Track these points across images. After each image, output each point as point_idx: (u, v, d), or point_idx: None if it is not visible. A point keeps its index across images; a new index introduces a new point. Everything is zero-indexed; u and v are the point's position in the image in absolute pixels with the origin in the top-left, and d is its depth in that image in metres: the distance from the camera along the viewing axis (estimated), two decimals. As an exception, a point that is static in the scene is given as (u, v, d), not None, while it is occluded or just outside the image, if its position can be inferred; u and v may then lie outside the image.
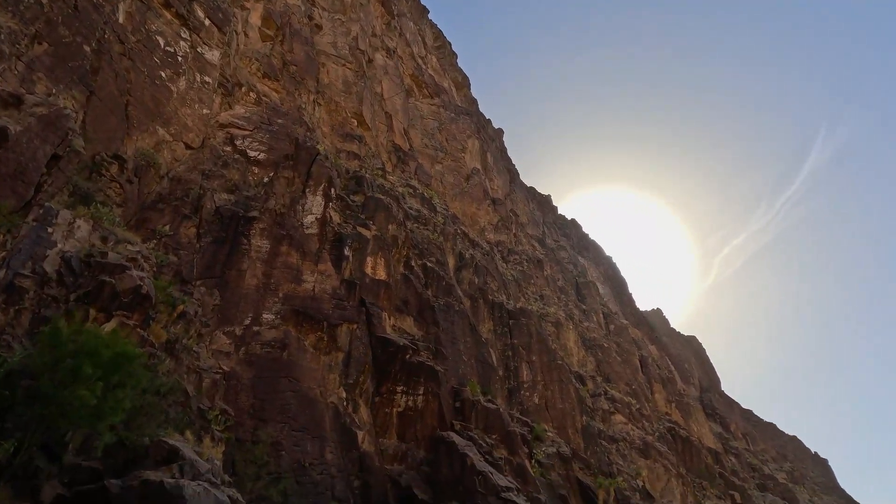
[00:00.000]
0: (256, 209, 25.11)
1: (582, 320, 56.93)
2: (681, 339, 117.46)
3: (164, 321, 18.39)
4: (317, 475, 19.90)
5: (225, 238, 23.64)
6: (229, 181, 25.81)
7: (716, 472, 55.63)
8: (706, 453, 57.15)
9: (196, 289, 21.59)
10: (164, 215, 22.58)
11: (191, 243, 22.82)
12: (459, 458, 23.79)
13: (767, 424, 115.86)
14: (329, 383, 23.27)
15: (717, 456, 62.10)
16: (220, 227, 23.88)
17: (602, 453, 37.95)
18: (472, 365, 32.70)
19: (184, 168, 24.71)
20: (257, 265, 23.72)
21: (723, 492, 53.44)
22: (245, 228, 24.22)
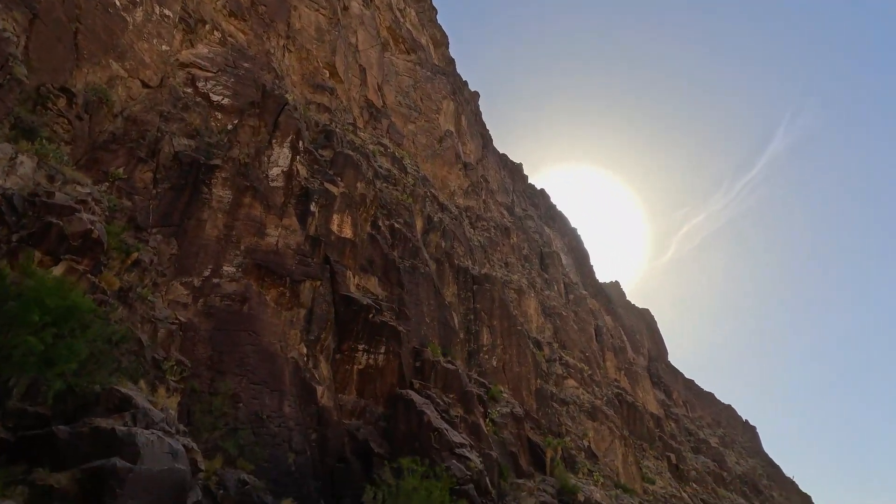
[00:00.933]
0: (219, 157, 24.04)
1: (543, 289, 58.39)
2: (635, 311, 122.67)
3: (116, 268, 17.68)
4: (274, 427, 20.08)
5: (184, 185, 22.63)
6: (190, 125, 24.49)
7: (656, 435, 59.56)
8: (649, 418, 60.95)
9: (152, 237, 20.75)
10: (118, 157, 21.33)
11: (147, 189, 21.75)
12: (417, 415, 24.46)
13: (706, 393, 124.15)
14: (290, 339, 23.19)
15: (659, 421, 66.36)
16: (179, 173, 22.80)
17: (553, 415, 39.85)
18: (434, 327, 33.21)
19: (140, 108, 23.22)
20: (218, 216, 22.92)
21: (661, 453, 57.44)
22: (206, 177, 23.22)
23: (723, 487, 70.93)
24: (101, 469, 11.12)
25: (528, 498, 26.99)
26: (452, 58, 75.78)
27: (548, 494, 28.40)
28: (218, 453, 17.52)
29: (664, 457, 57.83)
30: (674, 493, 48.97)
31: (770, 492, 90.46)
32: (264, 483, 18.31)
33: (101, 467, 11.14)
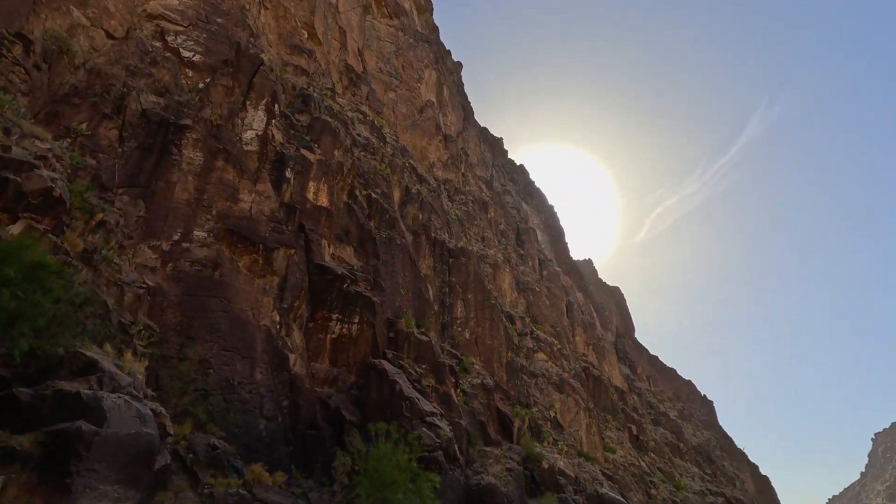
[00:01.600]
0: (189, 117, 23.09)
1: (518, 264, 59.07)
2: (606, 288, 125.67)
3: (80, 229, 17.02)
4: (245, 394, 20.07)
5: (152, 145, 21.73)
6: (158, 82, 23.36)
7: (619, 407, 62.02)
8: (613, 391, 63.32)
9: (118, 197, 19.98)
10: (80, 112, 20.26)
11: (112, 147, 20.81)
12: (389, 384, 24.78)
13: (669, 369, 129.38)
14: (263, 306, 22.96)
15: (623, 394, 69.03)
16: (147, 132, 21.85)
17: (522, 386, 40.96)
18: (408, 298, 33.35)
19: (104, 60, 21.96)
20: (189, 178, 22.18)
21: (623, 424, 59.98)
22: (176, 137, 22.33)
23: (679, 457, 74.84)
24: (66, 432, 10.96)
25: (494, 465, 27.92)
26: (436, 25, 73.85)
27: (514, 462, 29.44)
28: (187, 418, 17.45)
29: (626, 428, 60.44)
30: (633, 462, 51.44)
31: (722, 462, 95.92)
32: (235, 448, 18.40)
33: (66, 430, 10.98)
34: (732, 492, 79.48)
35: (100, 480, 11.04)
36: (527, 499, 27.92)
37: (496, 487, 25.47)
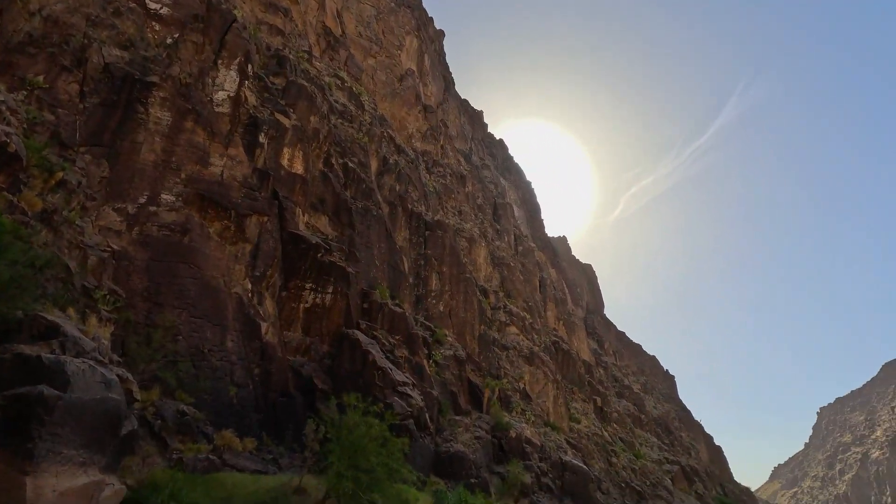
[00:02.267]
0: (157, 74, 21.97)
1: (494, 239, 59.43)
2: (578, 265, 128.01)
3: (38, 188, 16.23)
4: (216, 361, 19.89)
5: (116, 102, 20.66)
6: (122, 34, 22.04)
7: (586, 380, 64.14)
8: (581, 365, 65.32)
9: (79, 156, 19.06)
10: (37, 63, 19.03)
11: (72, 102, 19.70)
12: (362, 354, 24.93)
13: (635, 345, 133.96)
14: (234, 274, 22.56)
15: (590, 368, 71.32)
16: (111, 88, 20.73)
17: (493, 358, 41.82)
18: (383, 270, 33.29)
19: (62, 7, 20.55)
20: (156, 139, 21.27)
21: (588, 396, 62.17)
22: (142, 94, 21.27)
23: (640, 428, 78.33)
24: (27, 396, 10.69)
25: (464, 433, 28.68)
26: (419, -11, 71.46)
27: (482, 430, 30.28)
28: (155, 385, 17.23)
29: (591, 400, 62.70)
30: (596, 431, 53.61)
31: (679, 433, 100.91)
32: (204, 415, 18.33)
33: (27, 394, 10.71)
34: (688, 460, 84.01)
35: (64, 445, 10.87)
36: (493, 465, 28.88)
37: (464, 454, 26.23)
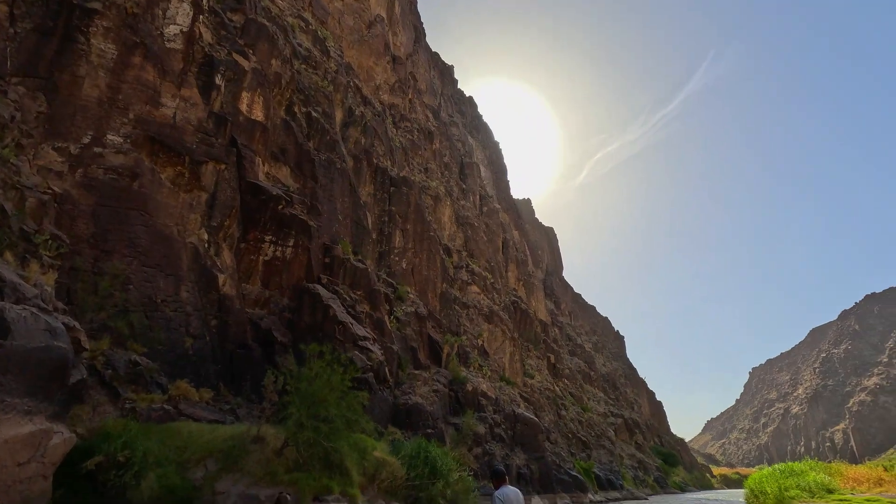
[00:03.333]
0: (99, 0, 20.02)
1: (460, 198, 59.32)
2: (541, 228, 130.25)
3: (-35, 120, 14.82)
4: (170, 312, 19.38)
5: (53, 29, 18.80)
6: (58, -48, 19.79)
7: (541, 338, 66.70)
8: (538, 324, 67.68)
9: (12, 88, 17.41)
10: (-43, -23, 16.93)
11: (2, 27, 17.77)
12: (322, 308, 24.86)
13: (589, 306, 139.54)
14: (189, 223, 21.69)
15: (546, 327, 74.03)
16: (46, 12, 18.79)
17: (454, 316, 42.68)
18: (346, 225, 32.81)
19: (-15, -86, 18.15)
20: (99, 73, 19.64)
21: (543, 353, 64.86)
22: (82, 23, 19.41)
23: (589, 384, 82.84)
24: (-37, 343, 10.14)
25: (422, 386, 29.51)
26: (391, -72, 67.06)
27: (440, 384, 31.23)
28: (105, 334, 16.70)
29: (545, 357, 65.49)
30: (548, 386, 56.34)
31: (625, 389, 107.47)
32: (158, 365, 18.01)
33: (-38, 341, 10.16)
34: (630, 414, 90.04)
35: (6, 393, 10.48)
36: (450, 417, 30.02)
37: (422, 406, 27.09)
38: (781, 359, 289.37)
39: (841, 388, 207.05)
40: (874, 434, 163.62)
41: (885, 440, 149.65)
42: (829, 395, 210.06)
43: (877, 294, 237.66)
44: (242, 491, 14.22)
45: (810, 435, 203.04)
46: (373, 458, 18.27)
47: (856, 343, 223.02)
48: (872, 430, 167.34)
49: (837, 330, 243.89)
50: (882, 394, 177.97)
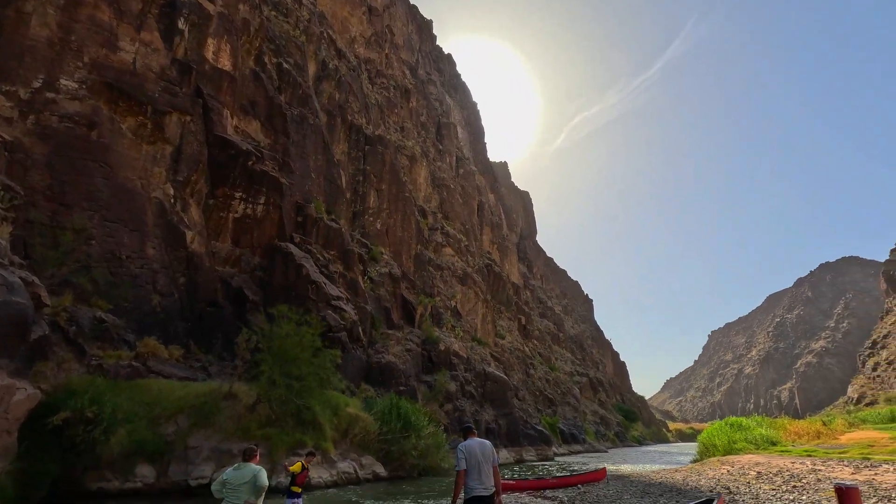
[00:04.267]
0: (44, -72, 18.25)
1: (436, 159, 58.57)
2: (516, 192, 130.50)
3: None
4: (136, 268, 18.85)
5: (-7, -42, 17.13)
6: None
7: (513, 301, 68.05)
8: (510, 286, 68.86)
9: (-50, 22, 15.95)
10: None
11: (-67, -49, 16.08)
12: (295, 267, 24.60)
13: (561, 270, 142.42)
14: (153, 177, 20.81)
15: (518, 289, 75.43)
16: (-16, -62, 17.06)
17: (428, 277, 42.94)
18: (319, 183, 32.10)
19: None
20: (49, 12, 18.15)
21: (514, 315, 66.35)
22: (26, -48, 17.72)
23: (557, 345, 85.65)
24: (-89, 297, 9.66)
25: (395, 345, 29.94)
26: None
27: (413, 343, 31.74)
28: (67, 290, 16.18)
29: (517, 318, 67.08)
30: (518, 347, 58.00)
31: (591, 349, 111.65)
32: (125, 322, 17.64)
33: (-89, 295, 9.67)
34: (595, 373, 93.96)
35: (-38, 348, 10.13)
36: (422, 375, 30.72)
37: (395, 365, 27.58)
38: (739, 323, 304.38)
39: (791, 351, 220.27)
40: (816, 392, 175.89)
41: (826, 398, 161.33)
42: (779, 357, 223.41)
43: (830, 263, 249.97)
44: (215, 445, 14.38)
45: (760, 393, 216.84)
46: (346, 413, 18.64)
47: (807, 309, 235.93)
48: (815, 388, 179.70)
49: (792, 296, 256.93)
50: (827, 356, 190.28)
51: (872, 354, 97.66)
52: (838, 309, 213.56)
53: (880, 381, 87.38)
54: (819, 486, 10.76)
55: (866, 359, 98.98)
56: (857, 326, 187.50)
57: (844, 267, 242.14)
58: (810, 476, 11.97)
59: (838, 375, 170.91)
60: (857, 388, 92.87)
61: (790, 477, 12.31)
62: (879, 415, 30.03)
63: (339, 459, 16.68)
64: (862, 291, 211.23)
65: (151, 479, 12.98)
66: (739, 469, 14.83)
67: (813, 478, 11.76)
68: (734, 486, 12.41)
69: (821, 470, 12.44)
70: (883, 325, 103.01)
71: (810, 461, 13.97)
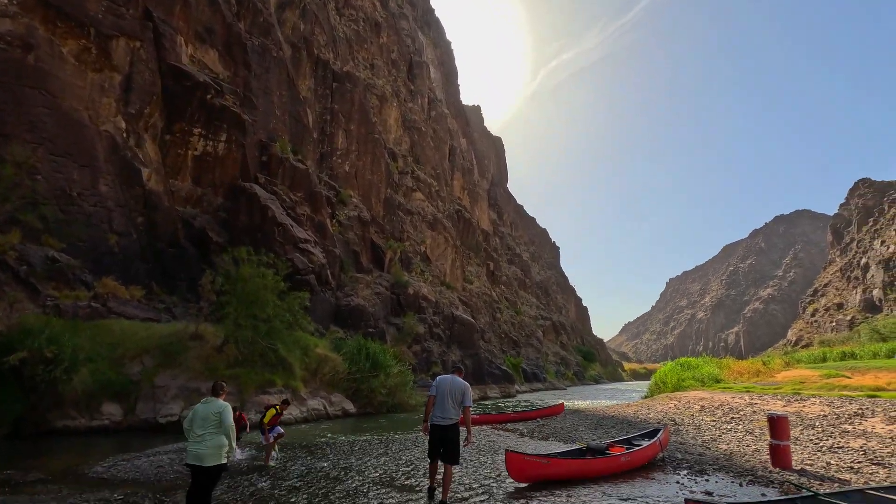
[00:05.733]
0: None
1: (407, 100, 56.61)
2: (489, 137, 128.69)
3: None
4: (89, 206, 17.92)
5: None
6: None
7: (482, 247, 68.85)
8: (480, 233, 69.40)
9: None
10: None
11: None
12: (261, 208, 23.94)
13: (530, 218, 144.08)
14: (102, 108, 19.37)
15: (487, 236, 76.15)
16: None
17: (397, 222, 42.70)
18: (284, 121, 30.70)
19: None
20: None
21: (483, 261, 67.38)
22: None
23: (524, 290, 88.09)
24: None
25: (364, 289, 30.11)
26: None
27: (382, 287, 32.00)
28: (14, 227, 15.31)
29: (485, 264, 68.17)
30: (486, 291, 59.35)
31: (556, 295, 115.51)
32: (81, 262, 16.98)
33: None
34: (558, 317, 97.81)
35: None
36: (391, 318, 31.23)
37: (364, 307, 27.87)
38: (696, 271, 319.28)
39: (741, 298, 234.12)
40: (760, 336, 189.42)
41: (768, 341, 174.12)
42: (730, 304, 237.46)
43: (785, 216, 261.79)
44: (183, 384, 14.43)
45: (709, 336, 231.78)
46: (315, 354, 18.92)
47: (759, 259, 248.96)
48: (759, 332, 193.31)
49: (746, 247, 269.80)
50: (772, 303, 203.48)
51: (813, 301, 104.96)
52: (787, 259, 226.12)
53: (817, 326, 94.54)
54: (754, 417, 11.80)
55: (807, 305, 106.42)
56: (803, 276, 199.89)
57: (797, 219, 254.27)
58: (747, 409, 13.08)
59: (781, 321, 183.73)
60: (795, 332, 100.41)
61: (729, 410, 13.42)
62: (812, 355, 32.69)
63: (309, 397, 17.08)
64: (810, 243, 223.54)
65: (119, 416, 13.02)
66: (685, 404, 16.04)
67: (749, 410, 12.86)
68: (679, 419, 13.48)
69: (757, 403, 13.59)
70: (825, 275, 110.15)
71: (748, 396, 15.22)
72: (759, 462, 7.97)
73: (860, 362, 25.48)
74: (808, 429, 9.91)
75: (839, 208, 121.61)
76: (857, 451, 7.89)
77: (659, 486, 6.84)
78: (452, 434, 5.87)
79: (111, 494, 6.34)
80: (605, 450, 8.30)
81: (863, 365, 22.69)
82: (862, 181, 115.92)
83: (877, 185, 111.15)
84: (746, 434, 10.35)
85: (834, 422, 10.07)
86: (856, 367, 21.99)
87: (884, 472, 6.69)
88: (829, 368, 22.12)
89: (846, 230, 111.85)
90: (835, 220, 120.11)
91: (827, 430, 9.52)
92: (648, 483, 7.08)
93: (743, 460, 8.23)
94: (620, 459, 7.78)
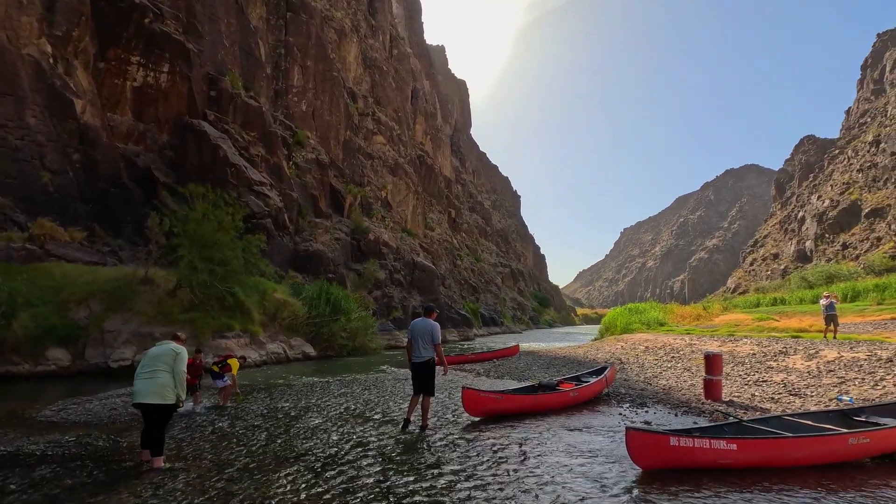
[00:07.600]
0: None
1: (368, 36, 53.60)
2: (454, 81, 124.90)
3: None
4: (15, 140, 16.40)
5: None
6: None
7: (444, 194, 68.49)
8: (442, 180, 68.76)
9: None
10: None
11: None
12: (211, 148, 22.64)
13: (493, 166, 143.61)
14: (22, 29, 17.32)
15: (449, 183, 75.62)
16: None
17: (357, 166, 41.57)
18: (234, 53, 28.54)
19: None
20: None
21: (444, 208, 67.26)
22: None
23: (484, 238, 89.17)
24: None
25: (323, 234, 29.61)
26: None
27: (342, 233, 31.55)
28: (-71, 161, 13.89)
29: (447, 211, 68.12)
30: (447, 239, 59.71)
31: (515, 243, 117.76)
32: (11, 201, 15.76)
33: None
34: (517, 265, 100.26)
35: None
36: (351, 263, 31.07)
37: (323, 253, 27.52)
38: (649, 222, 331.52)
39: (688, 248, 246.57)
40: (703, 283, 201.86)
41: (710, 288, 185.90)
42: (678, 253, 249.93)
43: (735, 170, 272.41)
44: (135, 329, 14.02)
45: (657, 284, 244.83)
46: (273, 298, 18.70)
47: (708, 211, 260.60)
48: (703, 280, 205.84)
49: (697, 199, 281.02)
50: (717, 252, 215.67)
51: (752, 252, 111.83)
52: (733, 211, 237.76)
53: (754, 275, 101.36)
54: (692, 356, 12.76)
55: (746, 255, 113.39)
56: (746, 228, 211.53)
57: (745, 173, 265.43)
58: (687, 349, 14.10)
59: (723, 269, 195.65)
60: (735, 280, 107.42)
61: (671, 350, 14.44)
62: (748, 301, 35.32)
63: (268, 341, 17.05)
64: (755, 196, 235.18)
65: (66, 361, 12.61)
66: (631, 345, 17.10)
67: (689, 350, 13.88)
68: (625, 358, 14.42)
69: (695, 344, 14.65)
70: (765, 228, 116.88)
71: (689, 338, 16.37)
72: (694, 395, 8.69)
73: (788, 307, 27.78)
74: (738, 365, 10.82)
75: (784, 164, 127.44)
76: (779, 385, 8.73)
77: (603, 418, 7.37)
78: (427, 370, 6.61)
79: (62, 437, 6.22)
80: (556, 386, 8.83)
81: (790, 310, 24.76)
82: (807, 138, 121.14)
83: (819, 142, 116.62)
84: (684, 371, 11.21)
85: (761, 359, 11.02)
86: (784, 311, 23.98)
87: (799, 402, 7.45)
88: (761, 313, 24.02)
89: (788, 185, 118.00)
90: (779, 174, 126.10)
91: (754, 367, 10.43)
92: (594, 415, 7.62)
93: (679, 394, 8.96)
94: (569, 395, 8.30)
